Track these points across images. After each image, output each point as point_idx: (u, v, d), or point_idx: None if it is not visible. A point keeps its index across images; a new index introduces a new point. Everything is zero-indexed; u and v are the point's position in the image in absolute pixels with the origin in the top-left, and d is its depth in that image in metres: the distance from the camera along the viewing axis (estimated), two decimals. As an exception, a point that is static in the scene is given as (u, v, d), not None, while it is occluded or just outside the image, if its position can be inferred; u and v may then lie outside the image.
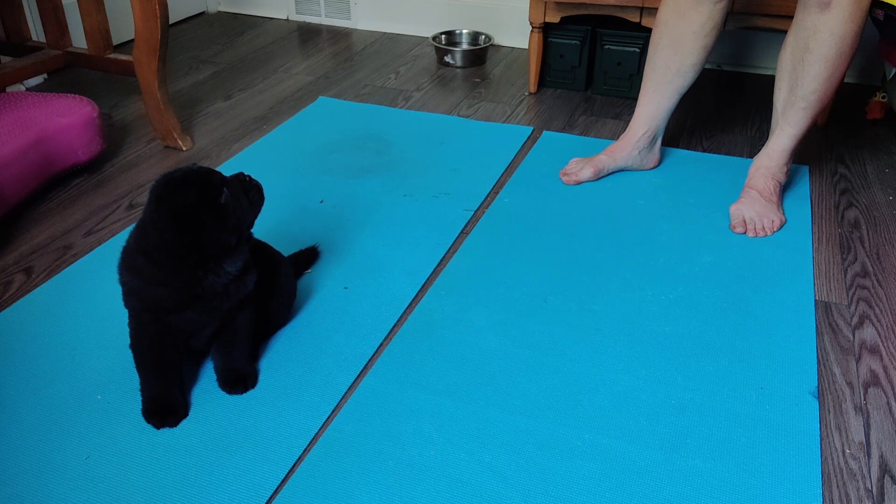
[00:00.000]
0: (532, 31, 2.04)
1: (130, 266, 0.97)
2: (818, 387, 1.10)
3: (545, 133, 1.87)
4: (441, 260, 1.38)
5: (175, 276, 0.95)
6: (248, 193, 1.00)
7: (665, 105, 1.59)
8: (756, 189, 1.50)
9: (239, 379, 1.07)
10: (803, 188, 1.62)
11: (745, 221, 1.45)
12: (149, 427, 1.01)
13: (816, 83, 1.39)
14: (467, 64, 2.32)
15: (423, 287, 1.30)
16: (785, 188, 1.58)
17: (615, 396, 1.07)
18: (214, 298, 0.99)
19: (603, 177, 1.65)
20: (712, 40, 1.50)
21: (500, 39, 2.50)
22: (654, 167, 1.69)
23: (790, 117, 1.46)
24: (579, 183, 1.63)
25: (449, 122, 1.92)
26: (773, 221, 1.46)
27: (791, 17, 1.43)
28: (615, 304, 1.26)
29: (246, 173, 1.02)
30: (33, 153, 1.49)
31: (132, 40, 1.71)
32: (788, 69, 1.43)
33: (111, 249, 1.39)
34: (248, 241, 1.04)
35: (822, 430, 1.03)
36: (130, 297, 0.99)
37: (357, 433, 1.01)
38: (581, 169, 1.62)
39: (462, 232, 1.46)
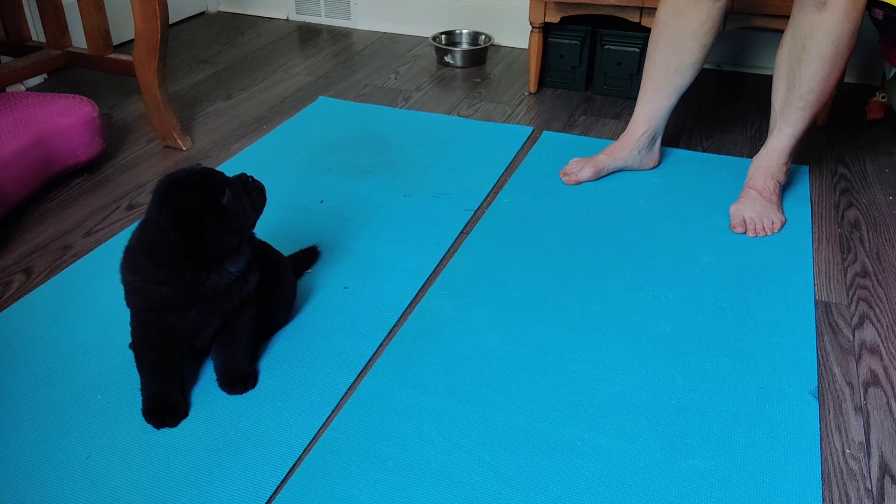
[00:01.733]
0: (532, 31, 2.04)
1: (133, 265, 0.97)
2: (818, 387, 1.10)
3: (545, 133, 1.87)
4: (441, 260, 1.38)
5: (178, 275, 0.96)
6: (251, 194, 1.00)
7: (664, 104, 1.59)
8: (756, 189, 1.50)
9: (239, 379, 1.07)
10: (803, 188, 1.62)
11: (745, 221, 1.45)
12: (149, 427, 1.01)
13: (814, 83, 1.39)
14: (467, 64, 2.32)
15: (423, 287, 1.30)
16: (785, 188, 1.58)
17: (615, 396, 1.07)
18: (217, 298, 0.99)
19: (603, 177, 1.65)
20: (711, 39, 1.50)
21: (500, 39, 2.50)
22: (653, 167, 1.69)
23: (788, 117, 1.46)
24: (579, 183, 1.63)
25: (449, 122, 1.92)
26: (773, 222, 1.46)
27: (789, 17, 1.43)
28: (615, 304, 1.26)
29: (249, 174, 1.02)
30: (33, 153, 1.49)
31: (132, 40, 1.71)
32: (786, 69, 1.43)
33: (111, 249, 1.39)
34: (250, 241, 1.04)
35: (822, 430, 1.03)
36: (133, 297, 0.99)
37: (357, 433, 1.01)
38: (581, 169, 1.62)
39: (462, 232, 1.46)
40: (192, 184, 0.94)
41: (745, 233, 1.45)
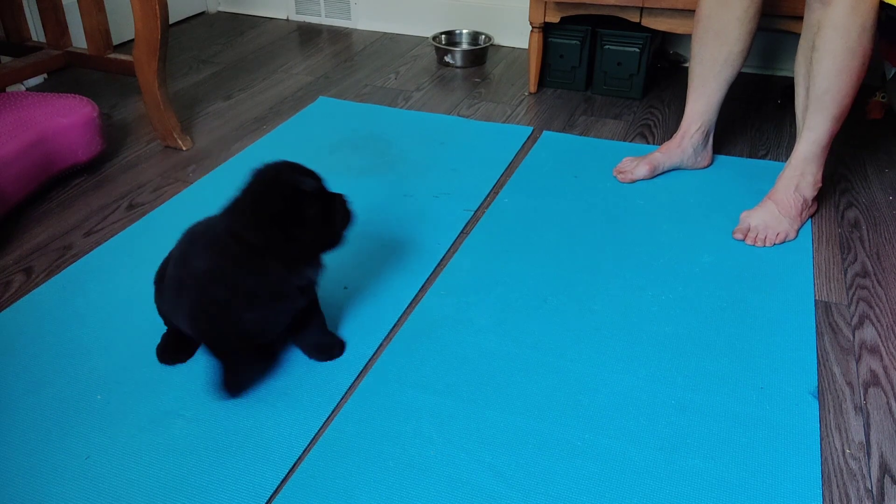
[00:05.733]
0: (532, 31, 2.04)
1: (221, 251, 0.97)
2: (818, 387, 1.10)
3: (545, 133, 1.87)
4: (441, 260, 1.38)
5: (272, 267, 0.97)
6: (343, 216, 1.04)
7: (715, 98, 1.59)
8: (773, 200, 1.46)
9: (327, 348, 1.12)
10: (803, 188, 1.62)
11: (748, 229, 1.44)
12: (149, 427, 1.01)
13: (828, 81, 1.36)
14: (467, 64, 2.32)
15: (423, 287, 1.30)
16: (815, 212, 1.52)
17: (615, 396, 1.07)
18: (293, 298, 1.02)
19: (657, 175, 1.64)
20: (756, 25, 1.50)
21: (500, 39, 2.50)
22: (707, 166, 1.68)
23: (809, 121, 1.42)
24: (634, 181, 1.62)
25: (449, 122, 1.92)
26: (778, 234, 1.42)
27: (793, 17, 1.43)
28: (615, 304, 1.26)
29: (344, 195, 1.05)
30: (33, 153, 1.49)
31: (132, 40, 1.71)
32: (803, 73, 1.41)
33: (111, 249, 1.39)
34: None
35: (822, 430, 1.03)
36: (212, 286, 0.97)
37: (357, 433, 1.01)
38: (636, 167, 1.62)
39: (462, 232, 1.46)
40: (310, 173, 0.99)
41: (743, 240, 1.43)
